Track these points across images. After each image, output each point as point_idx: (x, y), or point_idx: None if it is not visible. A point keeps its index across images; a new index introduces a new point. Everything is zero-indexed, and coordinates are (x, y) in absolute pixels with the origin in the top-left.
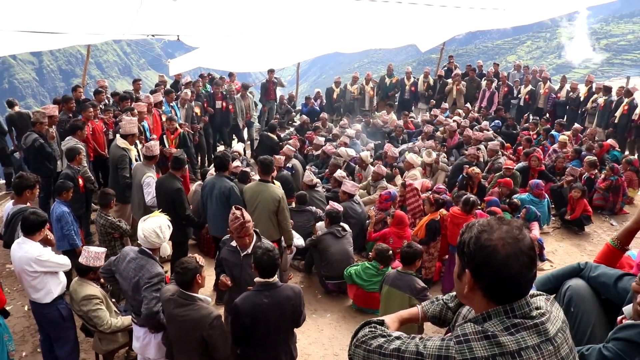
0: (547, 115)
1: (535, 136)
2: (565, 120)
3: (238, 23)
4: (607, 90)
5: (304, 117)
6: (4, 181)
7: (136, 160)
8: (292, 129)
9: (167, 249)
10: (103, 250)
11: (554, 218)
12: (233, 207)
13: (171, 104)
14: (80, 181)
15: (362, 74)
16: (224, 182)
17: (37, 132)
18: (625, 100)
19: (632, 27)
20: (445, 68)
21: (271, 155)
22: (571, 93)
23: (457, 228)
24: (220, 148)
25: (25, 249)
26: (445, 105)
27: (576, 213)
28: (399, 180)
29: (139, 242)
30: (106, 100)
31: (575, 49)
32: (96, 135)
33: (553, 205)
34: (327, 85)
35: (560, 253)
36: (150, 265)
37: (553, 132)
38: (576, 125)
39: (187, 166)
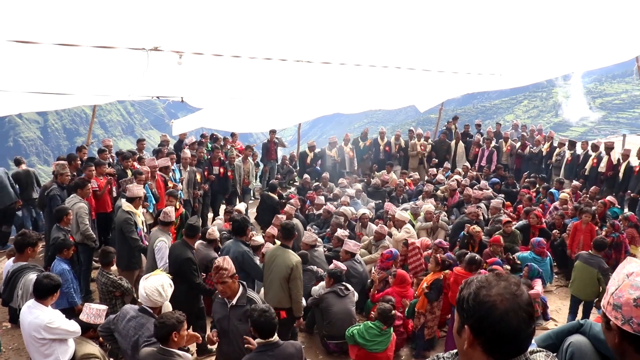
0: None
1: (534, 194)
2: (528, 173)
3: (241, 85)
4: (572, 144)
5: (306, 176)
6: None
7: (143, 224)
8: (292, 189)
9: (168, 307)
10: (104, 307)
11: (557, 276)
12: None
13: (172, 166)
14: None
15: (359, 133)
16: (239, 246)
17: (58, 183)
18: (594, 153)
19: (625, 87)
20: (444, 128)
21: (272, 215)
22: (533, 148)
23: (455, 285)
24: (210, 216)
25: (35, 314)
26: (448, 165)
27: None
28: (394, 233)
29: (139, 300)
30: (110, 159)
31: (571, 108)
32: (98, 194)
33: (555, 264)
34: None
35: (564, 312)
36: (151, 325)
37: (552, 189)
38: (575, 182)
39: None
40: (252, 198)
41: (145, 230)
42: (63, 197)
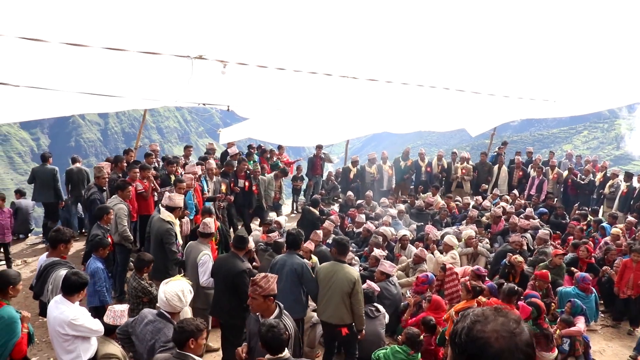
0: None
1: (585, 227)
2: (579, 204)
3: (288, 97)
4: (628, 176)
5: (349, 193)
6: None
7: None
8: (335, 205)
9: (188, 313)
10: (126, 306)
11: (602, 315)
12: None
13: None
14: (110, 240)
15: (413, 155)
16: (295, 259)
17: (97, 185)
18: None
19: None
20: (495, 154)
21: (312, 230)
22: (585, 178)
23: None
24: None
25: (61, 309)
26: (497, 191)
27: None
28: (437, 255)
29: (158, 304)
30: (156, 164)
31: (635, 141)
32: (144, 195)
33: (602, 302)
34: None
35: (608, 354)
36: (168, 330)
37: (604, 224)
38: (630, 217)
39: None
40: (295, 212)
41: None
42: (102, 199)
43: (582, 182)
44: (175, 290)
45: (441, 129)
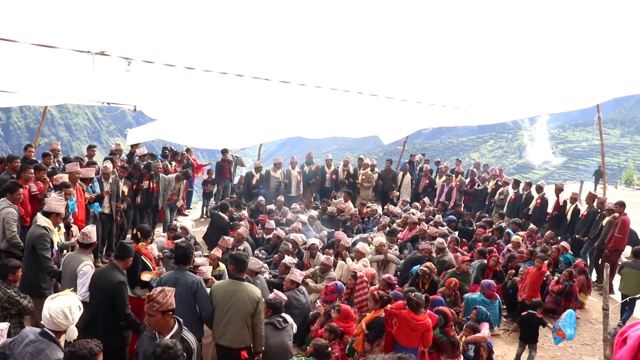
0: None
1: (491, 234)
2: (472, 210)
3: (198, 98)
4: (516, 183)
5: (260, 198)
6: None
7: (58, 245)
8: (244, 211)
9: (74, 332)
10: (5, 325)
11: (505, 319)
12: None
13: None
14: None
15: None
16: (187, 275)
17: None
18: (537, 194)
19: (585, 135)
20: (407, 161)
21: (221, 236)
22: (480, 185)
23: (406, 327)
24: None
25: None
26: (407, 198)
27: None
28: (349, 263)
29: (42, 322)
30: (56, 164)
31: (535, 151)
32: (39, 197)
33: (505, 307)
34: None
35: (509, 357)
36: (51, 350)
37: (509, 230)
38: (532, 225)
39: None
40: (204, 216)
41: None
42: None
43: (470, 190)
44: (61, 307)
45: (354, 135)
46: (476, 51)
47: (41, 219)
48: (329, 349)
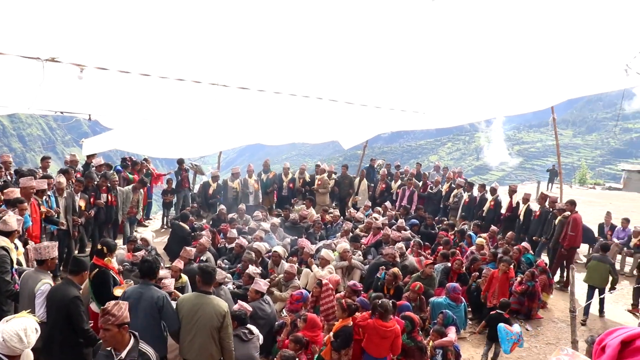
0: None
1: (452, 237)
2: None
3: (154, 106)
4: (470, 186)
5: (222, 207)
6: None
7: (18, 264)
8: (205, 219)
9: (29, 356)
10: None
11: (470, 322)
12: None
13: (48, 192)
14: None
15: (291, 166)
16: (153, 290)
17: None
18: (491, 196)
19: (540, 136)
20: (367, 166)
21: (182, 246)
22: (433, 188)
23: (375, 336)
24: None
25: None
26: (368, 203)
27: (501, 296)
28: (315, 270)
29: None
30: (8, 177)
31: (492, 153)
32: None
33: (470, 309)
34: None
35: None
36: None
37: (470, 232)
38: (493, 227)
39: None
40: (165, 227)
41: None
42: None
43: (424, 193)
44: (16, 329)
45: (314, 141)
46: (434, 56)
47: None
48: (296, 359)
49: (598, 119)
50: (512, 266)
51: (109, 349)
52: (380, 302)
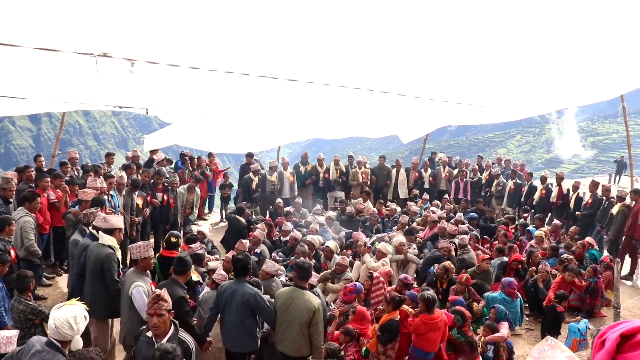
0: (448, 196)
1: (513, 231)
2: (469, 201)
3: (208, 101)
4: (514, 173)
5: (279, 200)
6: None
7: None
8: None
9: (79, 342)
10: (15, 332)
11: (527, 319)
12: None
13: (110, 191)
14: (12, 253)
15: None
16: (246, 287)
17: (2, 197)
18: (542, 185)
19: (616, 127)
20: (428, 158)
21: (238, 239)
22: (472, 176)
23: (425, 330)
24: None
25: None
26: (427, 196)
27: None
28: (367, 260)
29: (48, 332)
30: (75, 172)
31: (564, 145)
32: (57, 205)
33: (527, 305)
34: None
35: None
36: None
37: (530, 227)
38: (556, 221)
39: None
40: (224, 220)
41: None
42: (7, 211)
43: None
44: (66, 317)
45: (373, 135)
46: (491, 47)
47: (104, 237)
48: (342, 352)
49: None
50: (578, 275)
51: (149, 334)
52: (423, 294)
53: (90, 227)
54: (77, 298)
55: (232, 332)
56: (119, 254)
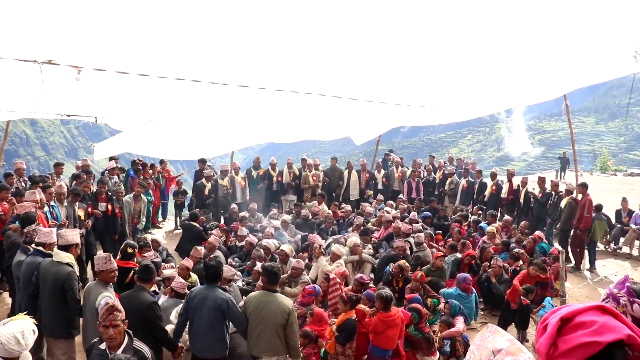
0: (402, 195)
1: (466, 228)
2: (422, 200)
3: (158, 107)
4: (466, 171)
5: (233, 206)
6: None
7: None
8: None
9: (28, 358)
10: None
11: (482, 312)
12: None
13: (51, 202)
14: None
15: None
16: (218, 293)
17: None
18: (492, 181)
19: (561, 125)
20: (382, 160)
21: (194, 245)
22: (426, 176)
23: (383, 328)
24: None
25: None
26: (381, 197)
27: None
28: (322, 263)
29: None
30: (22, 184)
31: (513, 143)
32: (3, 219)
33: (481, 300)
34: None
35: None
36: None
37: (482, 224)
38: (506, 216)
39: None
40: (179, 228)
41: None
42: None
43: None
44: (13, 332)
45: (326, 138)
46: (440, 49)
47: (60, 255)
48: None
49: (621, 104)
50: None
51: (102, 347)
52: (380, 293)
53: (33, 245)
54: (25, 313)
55: (202, 338)
56: (75, 270)
